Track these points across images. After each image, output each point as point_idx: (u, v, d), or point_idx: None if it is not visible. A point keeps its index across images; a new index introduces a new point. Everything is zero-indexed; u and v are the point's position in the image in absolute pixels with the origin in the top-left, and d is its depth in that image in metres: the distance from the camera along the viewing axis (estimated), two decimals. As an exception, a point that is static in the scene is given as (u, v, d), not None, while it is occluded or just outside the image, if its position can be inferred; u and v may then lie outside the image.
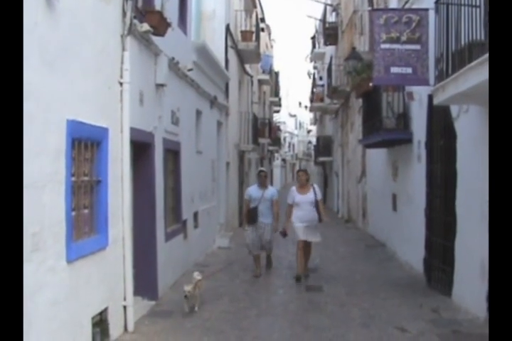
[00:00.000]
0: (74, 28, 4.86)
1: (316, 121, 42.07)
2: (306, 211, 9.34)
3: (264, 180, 10.00)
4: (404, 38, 7.71)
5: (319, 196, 9.58)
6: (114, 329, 5.87)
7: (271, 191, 9.96)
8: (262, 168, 11.35)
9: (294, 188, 9.72)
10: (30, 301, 3.94)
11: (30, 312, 3.95)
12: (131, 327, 6.24)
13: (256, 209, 9.68)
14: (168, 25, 7.41)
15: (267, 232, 9.72)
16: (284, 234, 9.70)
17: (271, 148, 34.11)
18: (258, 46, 19.54)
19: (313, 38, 33.99)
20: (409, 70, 7.70)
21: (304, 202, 9.39)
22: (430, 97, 7.81)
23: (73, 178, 4.92)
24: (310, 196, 9.43)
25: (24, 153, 3.67)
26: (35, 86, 4.09)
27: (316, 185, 9.85)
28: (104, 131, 5.61)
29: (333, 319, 6.94)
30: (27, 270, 3.86)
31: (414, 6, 8.91)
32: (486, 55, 4.31)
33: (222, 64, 14.11)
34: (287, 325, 6.71)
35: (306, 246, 9.45)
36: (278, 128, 38.93)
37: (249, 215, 9.79)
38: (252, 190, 10.04)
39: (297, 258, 9.49)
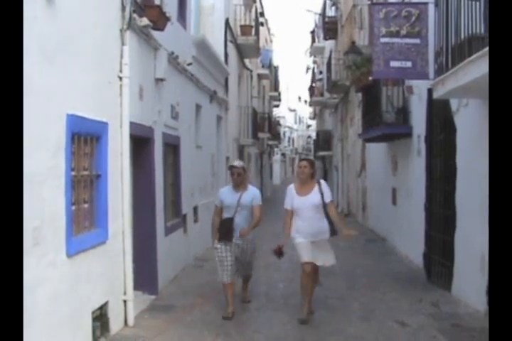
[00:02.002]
0: (73, 22, 4.85)
1: (315, 116, 42.04)
2: (310, 220, 6.57)
3: (238, 179, 6.89)
4: (403, 32, 7.70)
5: (329, 197, 6.71)
6: (114, 323, 5.89)
7: (251, 193, 6.92)
8: (235, 163, 7.22)
9: (292, 186, 6.85)
10: (30, 295, 3.95)
11: (30, 306, 3.95)
12: (131, 321, 6.25)
13: (231, 220, 6.79)
14: (168, 19, 7.39)
15: (246, 252, 6.95)
16: (279, 252, 6.72)
17: (270, 142, 34.08)
18: (257, 40, 19.52)
19: (312, 32, 33.95)
20: (408, 64, 7.70)
21: (304, 207, 6.60)
22: (430, 91, 7.81)
23: (73, 173, 4.93)
24: (314, 197, 6.61)
25: (24, 147, 3.66)
26: (35, 81, 4.08)
27: (323, 181, 6.88)
28: (103, 126, 5.60)
29: (333, 313, 6.96)
30: (27, 264, 3.87)
31: (414, 0, 8.89)
32: (486, 49, 4.30)
33: (222, 58, 14.08)
34: (287, 319, 6.72)
35: (314, 272, 6.78)
36: (277, 123, 38.87)
37: (221, 229, 6.81)
38: (225, 194, 6.99)
39: (302, 289, 6.88)
